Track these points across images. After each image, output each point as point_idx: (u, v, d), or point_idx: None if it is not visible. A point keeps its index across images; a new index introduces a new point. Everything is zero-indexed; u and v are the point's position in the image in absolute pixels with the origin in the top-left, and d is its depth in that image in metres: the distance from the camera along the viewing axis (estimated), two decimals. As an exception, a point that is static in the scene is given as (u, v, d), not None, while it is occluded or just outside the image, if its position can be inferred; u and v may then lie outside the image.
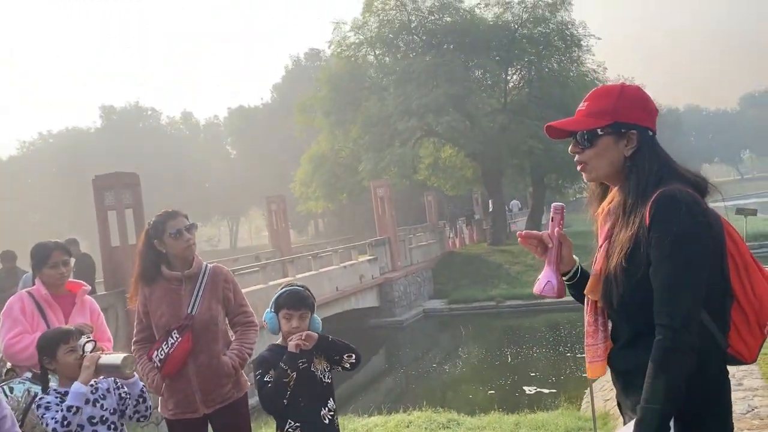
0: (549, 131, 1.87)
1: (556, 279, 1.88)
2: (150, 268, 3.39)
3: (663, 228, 1.59)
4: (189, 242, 3.39)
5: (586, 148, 1.78)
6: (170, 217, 3.39)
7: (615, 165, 1.76)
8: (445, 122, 25.19)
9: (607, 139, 1.75)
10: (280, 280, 15.17)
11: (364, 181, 26.45)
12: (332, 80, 28.86)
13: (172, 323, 3.31)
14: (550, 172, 29.52)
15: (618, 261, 1.66)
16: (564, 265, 1.91)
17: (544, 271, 1.90)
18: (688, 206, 1.59)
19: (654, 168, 1.70)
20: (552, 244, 1.88)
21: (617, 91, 1.78)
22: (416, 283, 22.96)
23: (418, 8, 28.08)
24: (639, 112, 1.76)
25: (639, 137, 1.74)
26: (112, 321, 9.64)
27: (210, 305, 3.38)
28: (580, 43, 29.53)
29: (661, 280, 1.59)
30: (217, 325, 3.40)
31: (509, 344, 16.78)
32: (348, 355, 2.98)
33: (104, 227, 11.02)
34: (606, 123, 1.74)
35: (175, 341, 3.26)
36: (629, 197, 1.70)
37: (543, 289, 1.88)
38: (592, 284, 1.78)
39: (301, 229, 60.74)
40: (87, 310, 3.73)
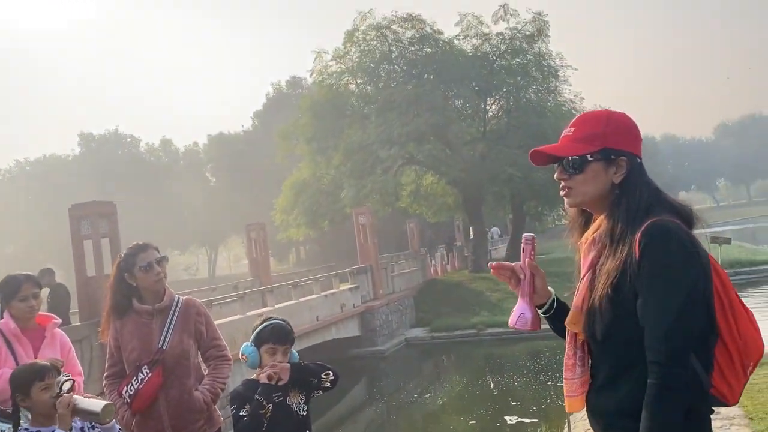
0: (534, 157, 1.83)
1: (530, 311, 1.84)
2: (121, 301, 3.35)
3: (654, 259, 1.54)
4: (159, 276, 3.35)
5: (573, 174, 1.74)
6: (140, 249, 3.36)
7: (602, 192, 1.71)
8: (426, 150, 25.40)
9: (596, 165, 1.70)
10: (259, 311, 14.99)
11: (345, 209, 26.44)
12: (314, 108, 29.00)
13: (142, 358, 3.25)
14: (530, 200, 29.85)
15: (604, 291, 1.61)
16: (539, 296, 1.86)
17: (518, 303, 1.85)
18: (680, 238, 1.55)
19: (644, 196, 1.65)
20: (524, 275, 1.84)
21: (605, 116, 1.74)
22: (398, 312, 22.84)
23: (398, 39, 28.45)
24: (627, 138, 1.72)
25: (628, 164, 1.69)
26: (87, 353, 9.41)
27: (181, 339, 3.32)
28: (557, 73, 30.19)
29: (652, 313, 1.54)
30: (189, 360, 3.33)
31: (491, 373, 16.68)
32: (325, 374, 2.91)
33: (79, 257, 10.83)
34: (595, 149, 1.70)
35: (145, 376, 3.20)
36: (618, 225, 1.64)
37: (516, 322, 1.84)
38: (574, 316, 1.72)
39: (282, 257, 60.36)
40: (57, 343, 3.63)
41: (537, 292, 1.85)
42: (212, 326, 3.51)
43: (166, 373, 3.24)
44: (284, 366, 2.84)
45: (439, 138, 26.21)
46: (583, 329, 1.69)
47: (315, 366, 2.94)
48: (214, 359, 3.44)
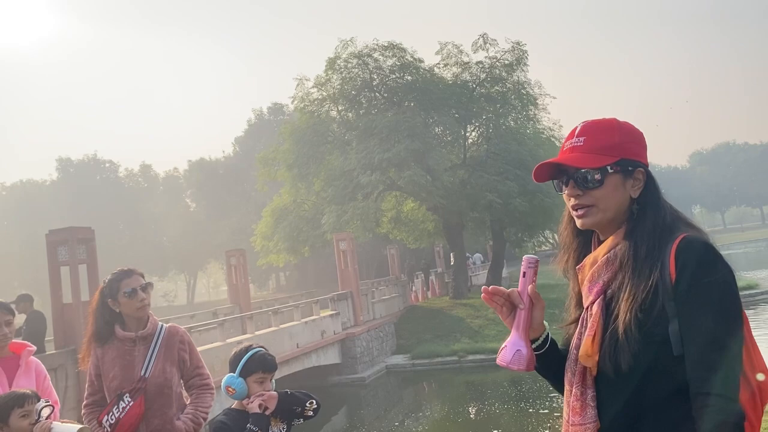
0: (539, 172, 1.61)
1: (525, 348, 1.57)
2: (103, 328, 3.30)
3: (700, 276, 1.36)
4: (143, 302, 3.31)
5: (591, 188, 1.54)
6: (125, 275, 3.32)
7: (621, 207, 1.54)
8: (407, 176, 25.54)
9: (615, 178, 1.53)
10: (239, 338, 14.81)
11: (326, 235, 26.39)
12: (295, 134, 29.10)
13: (124, 386, 3.20)
14: (510, 226, 30.05)
15: (631, 315, 1.40)
16: (532, 330, 1.61)
17: (511, 337, 1.59)
18: (717, 253, 1.39)
19: (667, 210, 1.52)
20: (523, 304, 1.59)
21: (616, 124, 1.58)
22: (379, 338, 22.70)
23: (379, 67, 28.78)
24: (641, 147, 1.58)
25: (645, 176, 1.55)
26: (62, 381, 9.22)
27: (164, 367, 3.28)
28: (536, 101, 30.73)
29: (704, 336, 1.32)
30: (171, 389, 3.28)
31: (472, 400, 16.59)
32: (309, 402, 2.92)
33: (56, 283, 10.67)
34: (614, 160, 1.53)
35: (126, 405, 3.15)
36: (643, 243, 1.47)
37: (511, 360, 1.56)
38: (588, 347, 1.48)
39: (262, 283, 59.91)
40: (32, 372, 3.55)
41: (532, 326, 1.61)
42: (195, 354, 3.47)
43: (147, 402, 3.18)
44: (272, 395, 2.83)
45: (419, 164, 26.40)
46: (601, 362, 1.46)
47: (301, 394, 2.94)
48: (197, 388, 3.40)
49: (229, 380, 2.84)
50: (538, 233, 31.36)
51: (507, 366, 1.57)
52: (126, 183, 64.43)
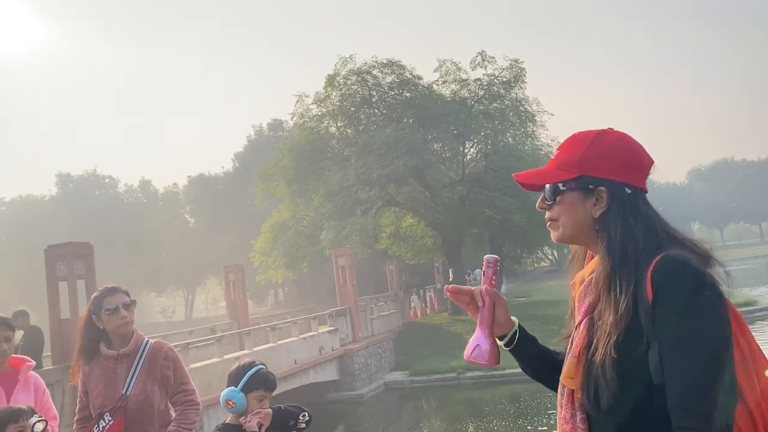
0: (520, 184, 1.62)
1: (486, 343, 1.59)
2: (89, 345, 3.36)
3: (677, 299, 1.26)
4: (125, 320, 3.34)
5: (551, 204, 1.51)
6: (109, 293, 3.36)
7: (584, 226, 1.47)
8: (406, 192, 25.62)
9: (571, 196, 1.47)
10: (237, 354, 14.77)
11: (325, 250, 26.40)
12: (294, 150, 29.22)
13: (107, 404, 3.24)
14: (508, 242, 30.09)
15: (606, 352, 1.32)
16: (500, 327, 1.61)
17: (475, 333, 1.62)
18: (702, 273, 1.29)
19: (633, 231, 1.39)
20: (482, 302, 1.61)
21: (591, 138, 1.48)
22: (377, 355, 22.63)
23: (378, 84, 28.98)
24: (611, 163, 1.44)
25: (608, 195, 1.43)
26: (59, 396, 9.19)
27: (145, 386, 3.29)
28: (534, 118, 30.94)
29: (684, 367, 1.24)
30: (153, 407, 3.29)
31: (470, 417, 16.52)
32: (302, 415, 2.96)
33: (54, 299, 10.67)
34: (571, 176, 1.46)
35: (106, 424, 3.18)
36: (609, 268, 1.39)
37: (471, 354, 1.59)
38: (570, 369, 1.42)
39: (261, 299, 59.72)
40: (31, 386, 3.56)
41: (497, 322, 1.60)
42: (180, 370, 3.46)
43: (128, 420, 3.20)
44: (267, 412, 2.86)
45: (418, 180, 26.49)
46: (582, 390, 1.40)
47: (293, 408, 2.98)
48: (181, 404, 3.38)
49: (230, 393, 2.86)
50: (537, 249, 31.39)
51: (468, 360, 1.60)
52: (125, 198, 64.42)
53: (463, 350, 1.65)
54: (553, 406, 1.64)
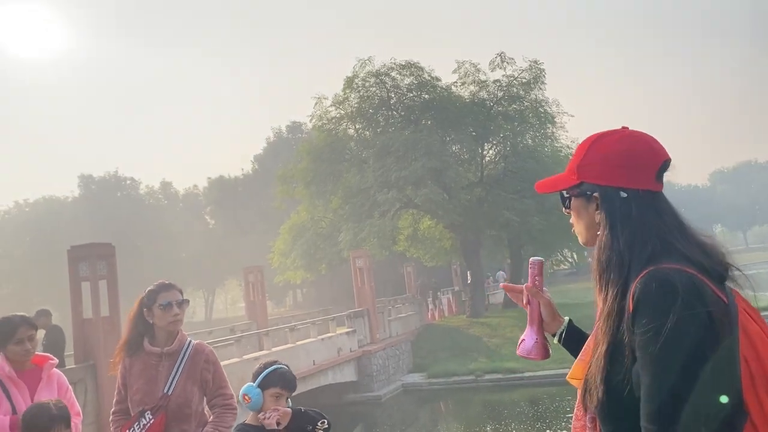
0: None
1: (532, 338, 1.67)
2: (135, 338, 3.36)
3: (648, 321, 1.23)
4: (176, 317, 3.35)
5: (568, 210, 1.53)
6: (164, 288, 3.37)
7: (591, 231, 1.46)
8: (424, 194, 25.58)
9: (576, 202, 1.48)
10: (256, 354, 14.86)
11: (343, 252, 26.45)
12: (313, 152, 29.33)
13: (146, 401, 3.24)
14: (527, 244, 29.90)
15: (596, 359, 1.34)
16: (549, 325, 1.67)
17: (526, 330, 1.71)
18: (685, 292, 1.22)
19: (614, 242, 1.36)
20: (528, 300, 1.70)
21: (590, 142, 1.46)
22: (395, 357, 22.61)
23: (397, 86, 28.99)
24: (607, 168, 1.41)
25: (602, 201, 1.41)
26: (81, 395, 9.31)
27: (186, 386, 3.31)
28: (554, 119, 30.69)
29: (645, 386, 1.23)
30: (191, 407, 3.31)
31: (489, 419, 16.43)
32: (321, 422, 2.93)
33: (77, 299, 10.80)
34: (573, 183, 1.47)
35: (147, 422, 3.18)
36: (598, 276, 1.39)
37: (518, 348, 1.69)
38: (576, 370, 1.43)
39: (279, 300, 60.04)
40: (54, 384, 3.61)
41: (545, 320, 1.67)
42: (220, 374, 3.50)
43: (168, 419, 3.22)
44: (286, 411, 2.86)
45: (436, 182, 26.45)
46: (579, 398, 1.41)
47: (313, 413, 2.97)
48: (219, 407, 3.41)
49: (247, 389, 2.89)
50: (557, 252, 31.16)
51: (519, 354, 1.69)
52: (146, 200, 65.16)
53: (482, 353, 1.71)
54: (572, 409, 1.63)
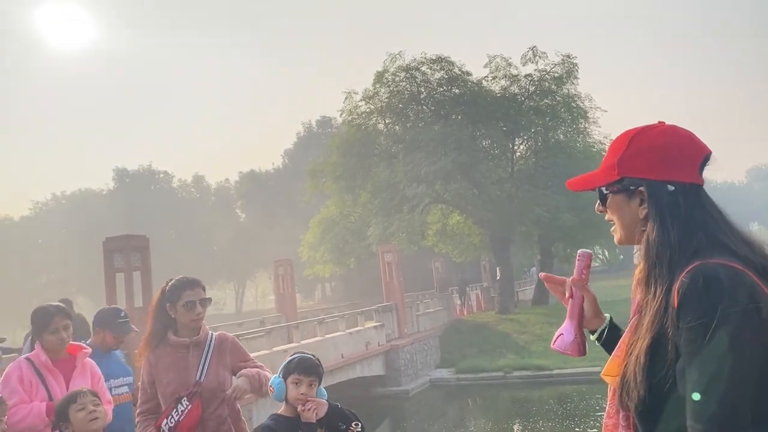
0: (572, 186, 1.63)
1: (571, 334, 1.61)
2: (159, 330, 3.39)
3: (694, 317, 1.21)
4: (199, 316, 3.38)
5: (604, 207, 1.50)
6: (188, 286, 3.37)
7: (635, 227, 1.44)
8: (453, 189, 25.48)
9: (616, 198, 1.45)
10: (285, 346, 15.00)
11: (372, 246, 26.51)
12: (343, 147, 29.43)
13: (180, 390, 3.27)
14: (558, 241, 29.56)
15: (636, 355, 1.31)
16: (590, 322, 1.62)
17: (564, 323, 1.64)
18: (732, 288, 1.21)
19: (666, 236, 1.35)
20: (572, 293, 1.63)
21: (629, 137, 1.45)
22: (423, 351, 22.60)
23: (427, 80, 28.87)
24: (652, 162, 1.40)
25: (648, 195, 1.39)
26: (113, 385, 9.51)
27: (217, 372, 3.36)
28: (586, 114, 30.23)
29: (691, 386, 1.20)
30: (224, 392, 3.37)
31: (517, 416, 16.34)
32: (355, 423, 2.91)
33: (111, 289, 11.03)
34: (613, 179, 1.44)
35: (185, 408, 3.22)
36: (646, 271, 1.37)
37: (554, 343, 1.64)
38: (612, 366, 1.40)
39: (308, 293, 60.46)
40: (87, 372, 3.70)
41: (586, 317, 1.62)
42: (247, 355, 3.58)
43: (203, 405, 3.26)
44: (322, 402, 2.87)
45: (466, 177, 26.30)
46: (617, 389, 1.38)
47: (349, 413, 2.96)
48: (255, 367, 3.47)
49: (271, 380, 2.94)
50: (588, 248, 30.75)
51: (553, 348, 1.65)
52: (179, 193, 66.13)
53: (511, 350, 1.66)
54: (602, 408, 1.59)
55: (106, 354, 4.27)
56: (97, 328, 4.38)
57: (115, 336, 4.32)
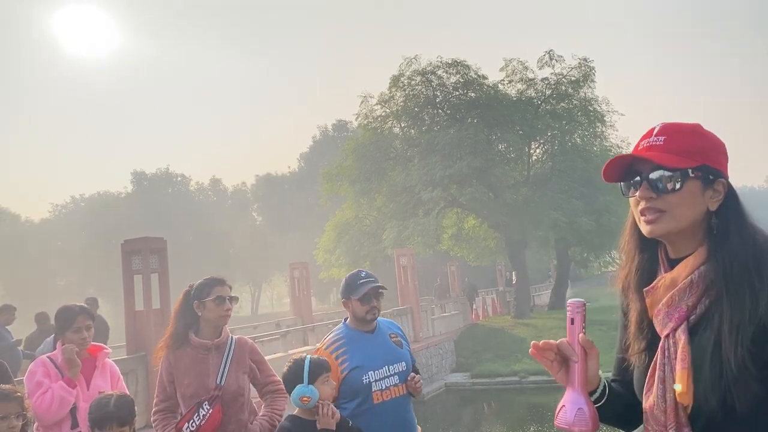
0: (609, 169, 1.45)
1: (587, 405, 1.39)
2: (182, 330, 3.41)
3: None
4: (228, 312, 3.44)
5: (667, 192, 1.37)
6: (218, 283, 3.46)
7: (697, 219, 1.38)
8: (469, 193, 25.40)
9: (695, 185, 1.37)
10: (300, 349, 15.02)
11: (387, 250, 26.51)
12: (358, 150, 29.49)
13: (200, 393, 3.30)
14: (575, 245, 29.36)
15: (743, 350, 1.24)
16: (588, 383, 1.44)
17: (568, 395, 1.42)
18: None
19: (756, 229, 1.36)
20: (576, 357, 1.41)
21: (699, 129, 1.43)
22: (438, 355, 22.54)
23: (443, 84, 28.85)
24: (723, 158, 1.42)
25: (726, 188, 1.39)
26: (132, 385, 9.60)
27: (237, 376, 3.40)
28: (604, 118, 30.02)
29: None
30: (244, 396, 3.41)
31: (532, 422, 16.22)
32: None
33: (129, 291, 11.11)
34: (696, 164, 1.37)
35: (206, 413, 3.25)
36: (734, 263, 1.30)
37: (573, 420, 1.38)
38: (684, 382, 1.30)
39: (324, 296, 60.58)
40: (107, 373, 3.74)
41: (588, 378, 1.44)
42: (265, 364, 3.61)
43: (223, 409, 3.30)
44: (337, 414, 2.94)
45: (481, 181, 26.23)
46: (701, 399, 1.29)
47: (356, 428, 3.02)
48: (272, 393, 3.53)
49: (302, 390, 2.90)
50: (605, 253, 30.52)
51: (570, 428, 1.39)
52: (196, 196, 66.67)
53: (526, 354, 1.50)
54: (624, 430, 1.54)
55: None
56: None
57: None
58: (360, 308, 3.29)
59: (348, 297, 3.33)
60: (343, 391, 3.19)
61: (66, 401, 3.35)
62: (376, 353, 3.27)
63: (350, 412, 3.14)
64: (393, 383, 3.25)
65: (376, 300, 3.32)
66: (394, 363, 3.29)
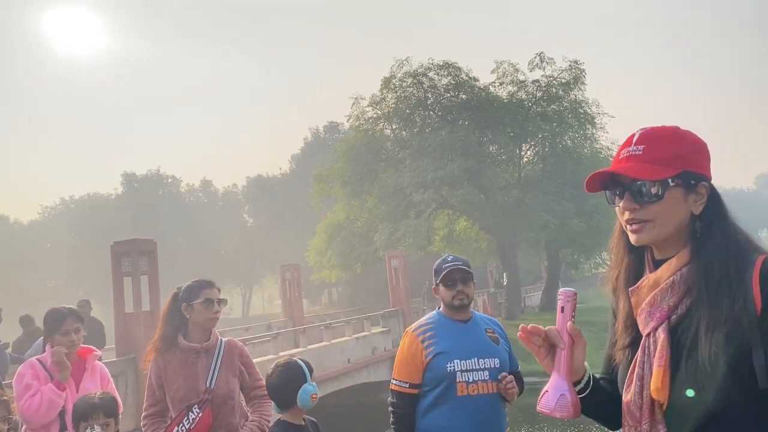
0: (591, 182, 1.47)
1: (569, 392, 1.41)
2: (171, 333, 3.38)
3: None
4: (216, 314, 3.41)
5: (649, 202, 1.39)
6: (206, 285, 3.43)
7: (681, 224, 1.40)
8: (460, 195, 25.47)
9: (676, 192, 1.39)
10: (292, 351, 15.00)
11: (378, 251, 26.53)
12: (350, 152, 29.49)
13: (189, 396, 3.28)
14: (566, 247, 29.51)
15: (717, 347, 1.26)
16: (573, 372, 1.45)
17: (552, 380, 1.44)
18: None
19: (737, 229, 1.38)
20: (563, 344, 1.43)
21: (675, 132, 1.44)
22: (429, 357, 22.55)
23: (434, 86, 28.92)
24: (704, 159, 1.43)
25: (708, 190, 1.41)
26: (122, 388, 9.54)
27: (227, 379, 3.38)
28: (594, 120, 30.21)
29: None
30: (234, 399, 3.38)
31: (524, 423, 16.25)
32: None
33: (119, 293, 11.06)
34: (676, 172, 1.39)
35: (196, 416, 3.23)
36: (714, 264, 1.33)
37: (555, 406, 1.41)
38: (659, 379, 1.33)
39: (315, 298, 60.48)
40: (97, 375, 3.71)
41: (574, 367, 1.44)
42: (253, 367, 3.58)
43: (213, 412, 3.28)
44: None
45: (473, 183, 26.30)
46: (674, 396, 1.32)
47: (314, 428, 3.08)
48: (259, 398, 3.50)
49: (312, 388, 2.92)
50: (595, 254, 30.71)
51: (551, 413, 1.42)
52: (187, 198, 66.36)
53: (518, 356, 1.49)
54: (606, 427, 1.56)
55: None
56: None
57: None
58: (446, 293, 3.10)
59: (436, 283, 3.16)
60: (426, 377, 2.99)
61: (55, 404, 3.33)
62: (465, 342, 3.05)
63: (431, 402, 2.97)
64: (482, 378, 3.00)
65: (463, 284, 3.10)
66: (485, 357, 3.04)
